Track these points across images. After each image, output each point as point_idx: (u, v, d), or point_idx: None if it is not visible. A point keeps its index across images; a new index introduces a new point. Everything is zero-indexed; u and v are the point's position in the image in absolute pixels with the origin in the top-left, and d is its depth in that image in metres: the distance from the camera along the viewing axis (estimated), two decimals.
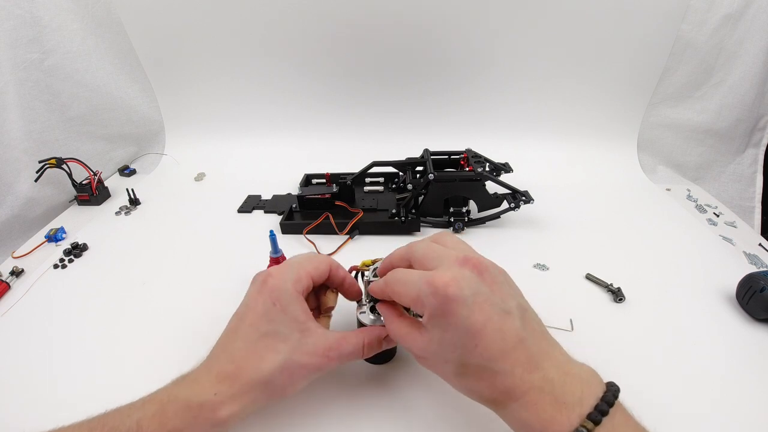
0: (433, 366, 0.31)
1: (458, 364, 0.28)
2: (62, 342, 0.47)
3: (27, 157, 0.71)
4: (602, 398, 0.26)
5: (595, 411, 0.25)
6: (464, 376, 0.29)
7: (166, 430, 0.28)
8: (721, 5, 0.75)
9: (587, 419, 0.25)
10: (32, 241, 0.64)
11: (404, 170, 0.72)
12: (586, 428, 0.24)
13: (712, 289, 0.53)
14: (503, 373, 0.27)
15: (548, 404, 0.26)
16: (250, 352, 0.31)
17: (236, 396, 0.30)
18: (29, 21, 0.70)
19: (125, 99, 0.85)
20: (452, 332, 0.27)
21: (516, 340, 0.27)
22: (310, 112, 0.92)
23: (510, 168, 0.72)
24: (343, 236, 0.64)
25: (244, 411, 0.30)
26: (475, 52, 0.84)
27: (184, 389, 0.31)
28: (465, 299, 0.27)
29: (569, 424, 0.25)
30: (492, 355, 0.27)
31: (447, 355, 0.28)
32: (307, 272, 0.34)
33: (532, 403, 0.26)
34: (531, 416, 0.26)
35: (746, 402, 0.40)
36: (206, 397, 0.29)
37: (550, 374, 0.27)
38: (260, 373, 0.30)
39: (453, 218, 0.65)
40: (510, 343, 0.27)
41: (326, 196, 0.68)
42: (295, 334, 0.31)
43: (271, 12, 0.80)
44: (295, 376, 0.31)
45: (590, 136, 0.90)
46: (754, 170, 0.85)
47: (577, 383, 0.27)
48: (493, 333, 0.27)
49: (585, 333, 0.46)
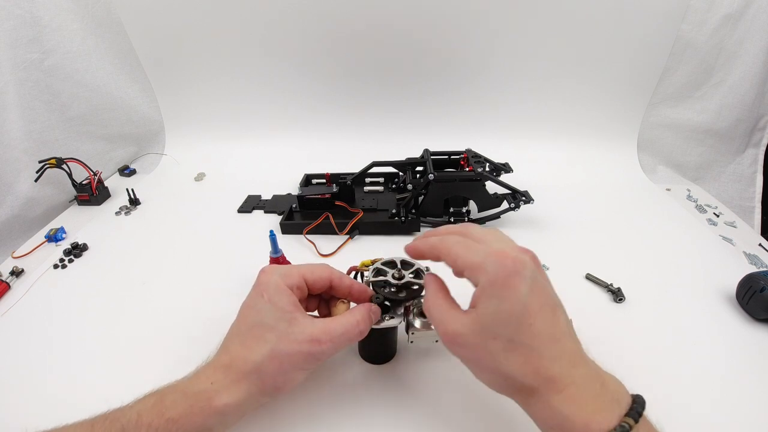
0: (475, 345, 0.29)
1: (508, 339, 0.28)
2: (62, 342, 0.47)
3: (27, 157, 0.71)
4: (634, 401, 0.27)
5: (633, 411, 0.26)
6: (512, 353, 0.28)
7: (165, 419, 0.29)
8: (721, 5, 0.75)
9: (626, 416, 0.26)
10: (32, 241, 0.64)
11: (404, 170, 0.72)
12: (627, 424, 0.25)
13: (712, 289, 0.53)
14: (550, 359, 0.27)
15: (591, 400, 0.27)
16: (241, 343, 0.32)
17: (230, 385, 0.31)
18: (29, 21, 0.70)
19: (125, 99, 0.85)
20: (511, 304, 0.28)
21: (563, 332, 0.29)
22: (310, 112, 0.92)
23: (510, 168, 0.72)
24: (343, 236, 0.64)
25: (240, 402, 0.31)
26: (475, 52, 0.84)
27: (183, 382, 0.32)
28: (527, 278, 0.28)
29: (610, 422, 0.26)
30: (544, 338, 0.28)
31: (499, 329, 0.28)
32: (300, 272, 0.35)
33: (575, 397, 0.27)
34: (574, 410, 0.26)
35: (746, 402, 0.40)
36: (203, 387, 0.30)
37: (592, 372, 0.28)
38: (250, 363, 0.31)
39: (453, 218, 0.65)
40: (559, 333, 0.28)
41: (326, 196, 0.68)
42: (282, 323, 0.32)
43: (271, 12, 0.80)
44: (285, 365, 0.31)
45: (590, 136, 0.90)
46: (754, 170, 0.85)
47: (613, 385, 0.28)
48: (546, 318, 0.28)
49: (585, 333, 0.46)
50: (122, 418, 0.29)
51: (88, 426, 0.29)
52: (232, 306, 0.35)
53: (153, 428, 0.28)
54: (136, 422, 0.29)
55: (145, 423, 0.29)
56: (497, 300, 0.28)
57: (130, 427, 0.28)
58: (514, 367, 0.28)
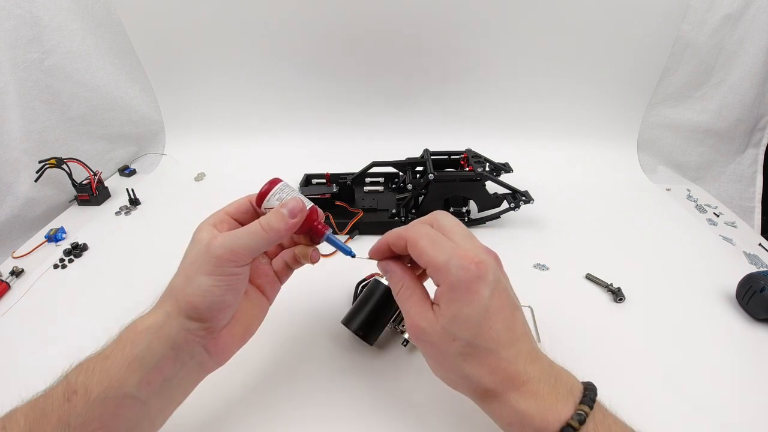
0: (435, 343, 0.30)
1: (466, 343, 0.28)
2: (62, 342, 0.47)
3: (27, 157, 0.71)
4: (586, 388, 0.28)
5: (586, 398, 0.27)
6: (469, 357, 0.29)
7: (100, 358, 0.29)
8: (721, 5, 0.75)
9: (581, 404, 0.27)
10: (32, 241, 0.64)
11: (404, 170, 0.72)
12: (584, 412, 0.26)
13: (712, 289, 0.53)
14: (507, 360, 0.28)
15: (547, 393, 0.27)
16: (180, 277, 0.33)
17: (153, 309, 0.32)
18: (29, 21, 0.70)
19: (125, 99, 0.85)
20: (471, 309, 0.28)
21: (522, 332, 0.30)
22: (310, 112, 0.92)
23: (510, 168, 0.72)
24: (343, 236, 0.64)
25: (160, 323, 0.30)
26: (475, 52, 0.84)
27: None
28: (489, 282, 0.28)
29: (567, 411, 0.26)
30: (502, 340, 0.28)
31: (458, 332, 0.28)
32: (224, 211, 0.36)
33: (532, 392, 0.27)
34: (531, 405, 0.27)
35: (746, 402, 0.40)
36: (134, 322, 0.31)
37: (546, 367, 0.29)
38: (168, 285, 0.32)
39: None
40: (518, 333, 0.29)
41: (326, 196, 0.68)
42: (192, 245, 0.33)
43: (270, 13, 0.80)
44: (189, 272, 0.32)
45: (590, 136, 0.90)
46: (754, 170, 0.85)
47: (565, 376, 0.29)
48: (506, 320, 0.29)
49: (585, 333, 0.46)
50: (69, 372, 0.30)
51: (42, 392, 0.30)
52: None
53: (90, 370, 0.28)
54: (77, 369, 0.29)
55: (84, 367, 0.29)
56: (459, 304, 0.28)
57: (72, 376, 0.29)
58: (472, 369, 0.29)
